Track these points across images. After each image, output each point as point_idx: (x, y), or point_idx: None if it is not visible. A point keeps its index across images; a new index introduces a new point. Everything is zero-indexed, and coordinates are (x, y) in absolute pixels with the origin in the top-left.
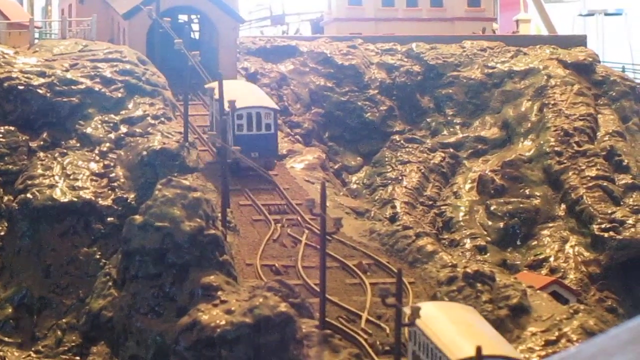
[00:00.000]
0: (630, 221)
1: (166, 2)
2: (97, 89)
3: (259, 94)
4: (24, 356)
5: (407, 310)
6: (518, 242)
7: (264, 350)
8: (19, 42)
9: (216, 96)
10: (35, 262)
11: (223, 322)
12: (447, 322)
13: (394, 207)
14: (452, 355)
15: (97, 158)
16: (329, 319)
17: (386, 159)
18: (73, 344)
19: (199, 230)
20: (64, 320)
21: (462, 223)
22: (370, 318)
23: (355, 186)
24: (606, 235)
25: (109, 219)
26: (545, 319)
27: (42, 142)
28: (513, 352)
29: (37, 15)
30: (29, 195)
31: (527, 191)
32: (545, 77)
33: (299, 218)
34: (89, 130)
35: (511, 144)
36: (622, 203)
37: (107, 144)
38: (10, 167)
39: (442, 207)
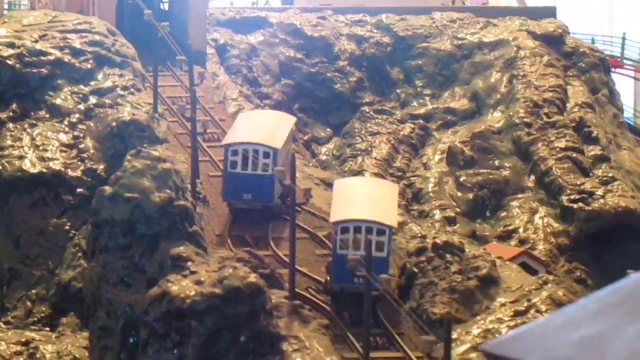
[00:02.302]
0: (599, 192)
1: None
2: (66, 60)
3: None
4: None
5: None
6: (487, 213)
7: (233, 321)
8: None
9: None
10: (4, 233)
11: (193, 293)
12: (355, 192)
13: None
14: (332, 218)
15: (67, 129)
16: (299, 289)
17: (356, 130)
18: (43, 314)
19: (168, 201)
20: (33, 291)
21: (431, 194)
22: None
23: (324, 157)
24: (575, 206)
25: (78, 190)
26: (515, 289)
27: (11, 114)
28: (388, 220)
29: None
30: None
31: (496, 162)
32: (515, 49)
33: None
34: (58, 101)
35: (480, 116)
36: (591, 174)
37: (77, 115)
38: None
39: (411, 179)
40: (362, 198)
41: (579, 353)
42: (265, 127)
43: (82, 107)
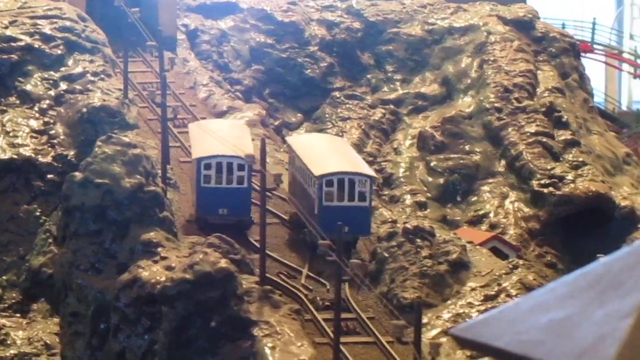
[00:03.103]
0: (570, 177)
1: None
2: (36, 46)
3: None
4: None
5: None
6: (458, 198)
7: (204, 306)
8: None
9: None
10: None
11: (163, 279)
12: (317, 148)
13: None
14: (318, 172)
15: (37, 115)
16: (270, 275)
17: (326, 116)
18: (13, 301)
19: (139, 186)
20: (4, 277)
21: (402, 179)
22: (311, 274)
23: None
24: (546, 191)
25: (49, 176)
26: (485, 274)
27: None
28: (368, 171)
29: None
30: None
31: (467, 147)
32: (485, 34)
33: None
34: (28, 87)
35: (451, 101)
36: (561, 159)
37: (47, 101)
38: None
39: (382, 164)
40: (332, 153)
41: (547, 337)
42: (230, 138)
43: (52, 93)
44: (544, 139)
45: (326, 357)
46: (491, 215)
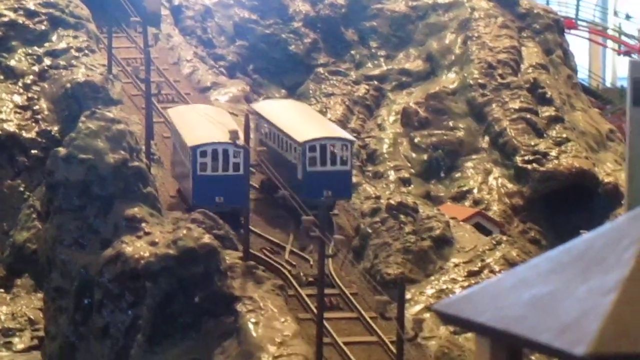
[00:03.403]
0: (554, 153)
1: None
2: (20, 21)
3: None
4: None
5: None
6: (442, 174)
7: (188, 282)
8: None
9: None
10: None
11: (147, 254)
12: (288, 114)
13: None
14: (301, 138)
15: (21, 91)
16: (253, 250)
17: (310, 92)
18: None
19: (123, 162)
20: None
21: (386, 155)
22: (294, 250)
23: None
24: (529, 167)
25: (32, 151)
26: (468, 250)
27: None
28: (347, 135)
29: None
30: None
31: (451, 123)
32: (469, 10)
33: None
34: (12, 62)
35: (435, 77)
36: (545, 135)
37: (31, 77)
38: None
39: (366, 140)
40: (305, 118)
41: (530, 312)
42: (217, 123)
43: (36, 68)
44: (528, 115)
45: (309, 332)
46: (475, 191)
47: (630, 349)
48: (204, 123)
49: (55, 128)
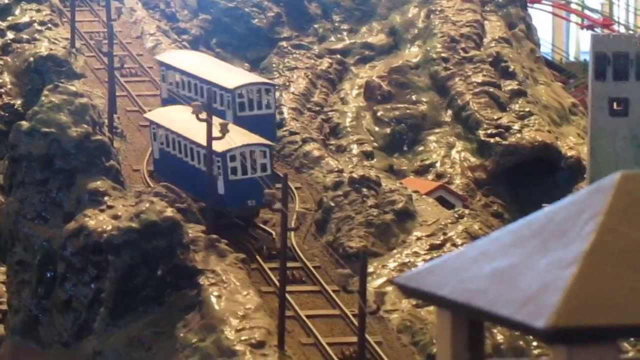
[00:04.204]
0: (516, 127)
1: None
2: None
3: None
4: None
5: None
6: (405, 148)
7: (150, 255)
8: None
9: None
10: None
11: (110, 228)
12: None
13: (281, 113)
14: (230, 85)
15: None
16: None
17: (273, 66)
18: None
19: (85, 136)
20: None
21: (349, 129)
22: (257, 223)
23: None
24: (492, 140)
25: None
26: (431, 223)
27: None
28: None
29: None
30: None
31: (413, 97)
32: None
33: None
34: None
35: (398, 51)
36: (508, 109)
37: None
38: None
39: (329, 113)
40: (215, 68)
41: (491, 285)
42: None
43: None
44: (491, 89)
45: (272, 305)
46: (437, 165)
47: (591, 321)
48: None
49: (19, 102)
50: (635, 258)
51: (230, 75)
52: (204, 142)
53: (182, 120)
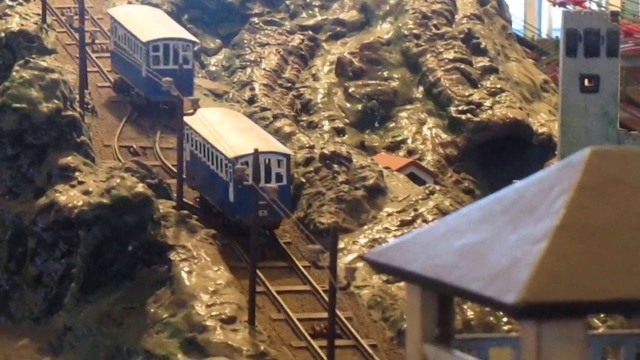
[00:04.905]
0: (488, 103)
1: None
2: None
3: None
4: None
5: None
6: (376, 124)
7: (121, 231)
8: None
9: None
10: None
11: (80, 203)
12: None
13: (252, 89)
14: (145, 38)
15: None
16: (187, 199)
17: (245, 42)
18: None
19: (56, 111)
20: None
21: (320, 105)
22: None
23: (214, 68)
24: (463, 117)
25: None
26: (402, 199)
27: None
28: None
29: None
30: None
31: (385, 74)
32: None
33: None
34: None
35: (369, 27)
36: (479, 85)
37: None
38: None
39: (300, 90)
40: (145, 21)
41: (461, 260)
42: (247, 130)
43: None
44: (462, 66)
45: (242, 281)
46: (409, 141)
47: (560, 297)
48: (230, 129)
49: None
50: (605, 234)
51: (155, 29)
52: (219, 146)
53: (212, 123)
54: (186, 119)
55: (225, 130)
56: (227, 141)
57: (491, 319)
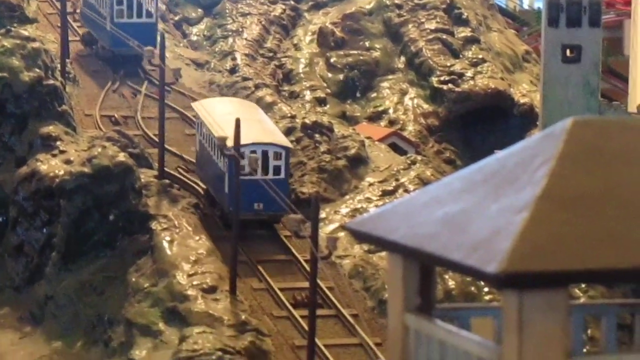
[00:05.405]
0: (469, 74)
1: None
2: None
3: None
4: None
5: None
6: (358, 94)
7: (103, 200)
8: None
9: None
10: None
11: (62, 172)
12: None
13: (234, 58)
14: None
15: None
16: (168, 169)
17: (227, 11)
18: None
19: (38, 80)
20: None
21: (302, 75)
22: None
23: (195, 38)
24: (445, 87)
25: None
26: (383, 169)
27: None
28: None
29: None
30: None
31: (367, 44)
32: None
33: (138, 69)
34: None
35: None
36: (461, 56)
37: None
38: None
39: (282, 59)
40: None
41: (442, 230)
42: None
43: None
44: (444, 36)
45: (223, 251)
46: (390, 111)
47: (541, 267)
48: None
49: None
50: (586, 203)
51: None
52: (219, 134)
53: (220, 114)
54: (195, 108)
55: (230, 120)
56: (226, 131)
57: (472, 288)
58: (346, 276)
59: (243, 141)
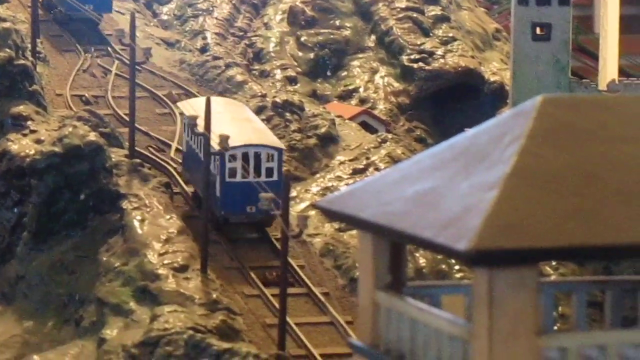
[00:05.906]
0: (440, 52)
1: None
2: None
3: None
4: None
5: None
6: (328, 73)
7: (73, 180)
8: None
9: None
10: None
11: (32, 152)
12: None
13: (204, 38)
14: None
15: None
16: (139, 148)
17: None
18: None
19: (8, 60)
20: None
21: (272, 54)
22: (180, 147)
23: (166, 17)
24: (415, 66)
25: None
26: (354, 148)
27: None
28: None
29: None
30: None
31: (337, 22)
32: None
33: (109, 48)
34: None
35: None
36: (431, 34)
37: None
38: None
39: (252, 38)
40: None
41: (413, 207)
42: (242, 120)
43: None
44: (414, 15)
45: (194, 229)
46: (361, 90)
47: (512, 244)
48: (227, 120)
49: None
50: (556, 181)
51: None
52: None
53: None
54: (182, 108)
55: (220, 121)
56: (216, 132)
57: (443, 266)
58: (317, 254)
59: (235, 143)
